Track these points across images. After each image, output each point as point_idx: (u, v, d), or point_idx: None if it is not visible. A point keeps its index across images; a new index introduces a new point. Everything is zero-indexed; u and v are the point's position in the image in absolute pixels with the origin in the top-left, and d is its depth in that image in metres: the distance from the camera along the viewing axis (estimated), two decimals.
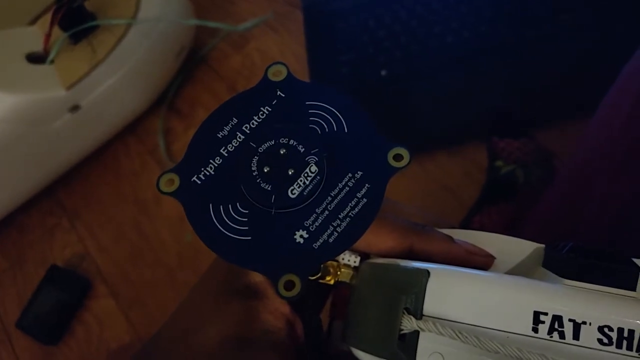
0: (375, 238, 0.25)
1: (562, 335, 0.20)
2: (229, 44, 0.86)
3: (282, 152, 0.21)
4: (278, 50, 0.83)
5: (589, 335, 0.20)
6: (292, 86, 0.24)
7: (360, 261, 0.25)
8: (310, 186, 0.21)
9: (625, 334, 0.20)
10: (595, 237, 0.37)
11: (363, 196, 0.21)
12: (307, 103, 0.23)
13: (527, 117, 0.62)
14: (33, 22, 0.80)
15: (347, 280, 0.25)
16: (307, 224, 0.21)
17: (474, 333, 0.20)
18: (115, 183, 0.81)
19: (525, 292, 0.21)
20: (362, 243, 0.24)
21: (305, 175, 0.21)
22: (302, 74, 0.78)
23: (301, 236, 0.21)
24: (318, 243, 0.21)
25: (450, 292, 0.21)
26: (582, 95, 0.60)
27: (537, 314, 0.20)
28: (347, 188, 0.21)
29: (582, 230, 0.39)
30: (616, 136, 0.37)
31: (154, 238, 0.76)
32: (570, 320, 0.20)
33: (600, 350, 0.19)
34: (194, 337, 0.26)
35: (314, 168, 0.21)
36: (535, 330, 0.20)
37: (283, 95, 0.23)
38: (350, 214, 0.21)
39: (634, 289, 0.21)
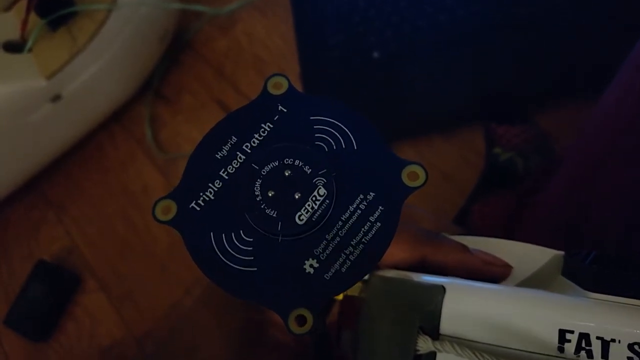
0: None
1: (589, 355, 0.18)
2: (214, 27, 0.83)
3: (287, 174, 0.20)
4: (265, 33, 0.80)
5: (618, 354, 0.18)
6: (295, 100, 0.22)
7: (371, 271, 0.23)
8: (320, 211, 0.19)
9: None
10: (607, 229, 0.35)
11: (377, 220, 0.20)
12: (311, 118, 0.21)
13: (527, 101, 0.60)
14: (8, 8, 0.77)
15: (357, 294, 0.23)
16: (317, 252, 0.19)
17: (495, 354, 0.19)
18: (102, 174, 0.79)
19: (549, 308, 0.19)
20: None
21: (314, 198, 0.20)
22: (291, 57, 0.75)
23: (311, 266, 0.19)
24: (330, 273, 0.19)
25: (468, 309, 0.20)
26: (585, 78, 0.58)
27: (562, 332, 0.19)
28: (359, 211, 0.20)
29: (595, 220, 0.38)
30: (631, 119, 0.35)
31: (144, 230, 0.74)
32: (598, 338, 0.18)
33: None
34: (198, 355, 0.26)
35: (322, 191, 0.20)
36: (561, 349, 0.19)
37: (285, 110, 0.22)
38: (363, 240, 0.19)
39: None
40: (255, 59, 0.79)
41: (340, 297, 0.24)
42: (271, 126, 0.21)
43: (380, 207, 0.20)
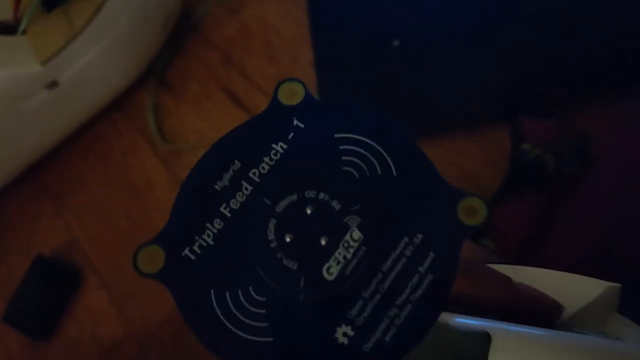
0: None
1: None
2: (222, 10, 0.78)
3: (309, 212, 0.16)
4: (278, 17, 0.75)
5: None
6: (314, 112, 0.17)
7: None
8: (355, 261, 0.15)
9: None
10: None
11: (428, 270, 0.15)
12: (336, 136, 0.17)
13: (560, 94, 0.55)
14: None
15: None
16: (351, 315, 0.15)
17: None
18: (103, 165, 0.75)
19: (605, 355, 0.16)
20: None
21: (346, 245, 0.15)
22: (305, 44, 0.70)
23: (344, 334, 0.15)
24: (370, 344, 0.15)
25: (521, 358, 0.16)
26: (627, 71, 0.53)
27: None
28: (405, 259, 0.15)
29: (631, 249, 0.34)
30: None
31: (146, 225, 0.71)
32: None
33: None
34: None
35: (356, 234, 0.15)
36: None
37: (302, 126, 0.17)
38: (412, 297, 0.15)
39: None
40: (266, 45, 0.74)
41: None
42: (285, 147, 0.17)
43: (431, 253, 0.15)
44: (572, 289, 0.22)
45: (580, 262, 0.37)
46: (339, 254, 0.15)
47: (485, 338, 0.17)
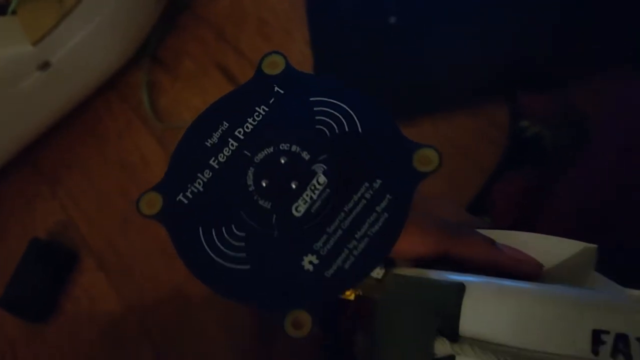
0: (404, 243, 0.21)
1: (628, 358, 0.16)
2: None
3: (282, 161, 0.18)
4: None
5: None
6: (292, 80, 0.20)
7: (386, 269, 0.21)
8: (319, 201, 0.18)
9: None
10: None
11: (384, 210, 0.18)
12: (311, 100, 0.20)
13: (557, 70, 0.55)
14: None
15: (370, 294, 0.21)
16: (316, 247, 0.18)
17: (521, 357, 0.17)
18: (98, 145, 0.75)
19: (579, 306, 0.18)
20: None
21: (312, 187, 0.18)
22: (299, 20, 0.69)
23: (310, 262, 0.17)
24: (331, 270, 0.17)
25: (490, 309, 0.18)
26: (625, 45, 0.52)
27: (596, 333, 0.17)
28: (364, 201, 0.18)
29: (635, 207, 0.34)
30: None
31: None
32: (638, 339, 0.17)
33: None
34: (205, 345, 0.25)
35: (322, 179, 0.18)
36: (595, 352, 0.17)
37: (282, 92, 0.20)
38: (369, 232, 0.18)
39: None
40: (260, 22, 0.73)
41: (352, 297, 0.22)
42: (266, 109, 0.20)
43: (388, 196, 0.18)
44: (551, 249, 0.23)
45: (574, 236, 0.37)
46: (307, 195, 0.18)
47: (460, 287, 0.19)
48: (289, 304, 0.17)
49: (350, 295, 0.22)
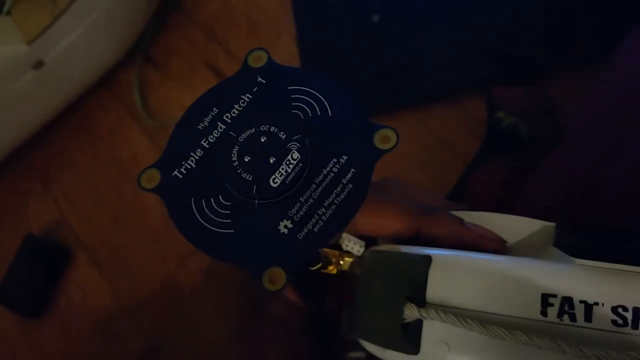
0: (381, 221, 0.24)
1: (573, 318, 0.18)
2: None
3: (262, 140, 0.21)
4: None
5: (602, 316, 0.18)
6: (273, 72, 0.23)
7: (365, 247, 0.24)
8: (293, 174, 0.20)
9: None
10: (618, 207, 0.33)
11: (349, 182, 0.20)
12: (289, 88, 0.22)
13: (531, 64, 0.57)
14: None
15: (351, 270, 0.24)
16: (291, 213, 0.20)
17: (479, 319, 0.19)
18: (91, 142, 0.76)
19: (531, 273, 0.20)
20: (367, 227, 0.24)
21: (287, 162, 0.20)
22: (287, 18, 0.71)
23: (285, 227, 0.20)
24: (303, 233, 0.20)
25: (453, 277, 0.20)
26: (594, 42, 0.55)
27: (545, 297, 0.19)
28: (332, 174, 0.20)
29: (604, 197, 0.36)
30: None
31: (135, 200, 0.72)
32: (581, 301, 0.19)
33: (615, 332, 0.18)
34: (201, 332, 0.27)
35: (295, 155, 0.20)
36: (544, 313, 0.19)
37: (264, 82, 0.23)
38: (335, 201, 0.20)
39: None
40: (249, 21, 0.75)
41: (335, 271, 0.24)
42: (250, 97, 0.22)
43: (352, 170, 0.20)
44: (513, 227, 0.25)
45: (553, 211, 0.39)
46: (282, 169, 0.20)
47: (426, 259, 0.21)
48: (266, 261, 0.19)
49: (332, 270, 0.24)
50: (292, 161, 0.20)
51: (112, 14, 0.71)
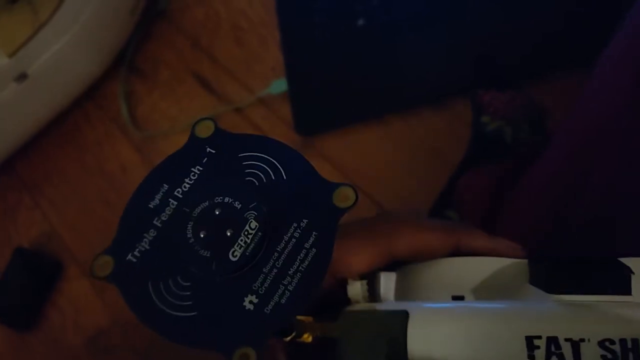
0: (421, 240, 0.25)
1: (561, 358, 0.18)
2: None
3: (217, 213, 0.20)
4: (245, 0, 0.75)
5: (590, 352, 0.18)
6: (222, 140, 0.22)
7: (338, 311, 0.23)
8: (252, 244, 0.19)
9: (629, 345, 0.18)
10: (594, 227, 0.33)
11: (312, 246, 0.20)
12: (240, 155, 0.22)
13: (516, 67, 0.56)
14: None
15: (328, 335, 0.23)
16: (255, 287, 0.19)
17: None
18: (77, 154, 0.76)
19: (512, 317, 0.20)
20: (406, 249, 0.25)
21: (246, 233, 0.19)
22: (272, 25, 0.71)
23: (251, 302, 0.19)
24: (270, 307, 0.19)
25: (433, 331, 0.20)
26: (582, 44, 0.54)
27: (529, 339, 0.19)
28: (294, 240, 0.20)
29: (587, 202, 0.35)
30: (619, 110, 0.32)
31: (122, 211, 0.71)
32: (566, 340, 0.18)
33: None
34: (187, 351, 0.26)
35: (253, 224, 0.19)
36: (531, 357, 0.18)
37: (213, 152, 0.22)
38: (300, 267, 0.19)
39: (628, 292, 0.20)
40: (235, 28, 0.74)
41: (310, 339, 0.23)
42: (201, 169, 0.22)
43: (314, 233, 0.20)
44: (485, 268, 0.25)
45: (532, 230, 0.38)
46: (241, 240, 0.19)
47: (403, 314, 0.20)
48: (234, 343, 0.18)
49: (307, 338, 0.23)
50: (250, 231, 0.19)
51: (96, 24, 0.70)
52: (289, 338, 0.22)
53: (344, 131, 0.61)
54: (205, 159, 0.22)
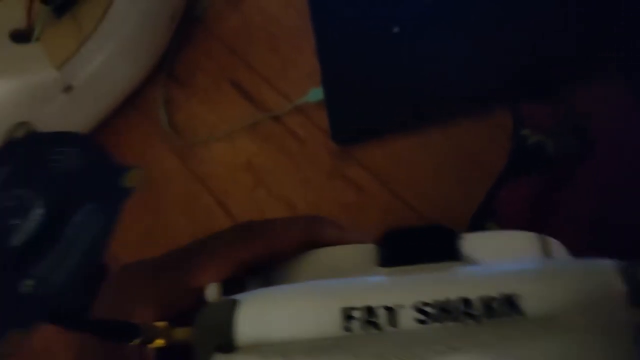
0: (273, 239, 0.26)
1: (377, 326, 0.19)
2: (224, 2, 0.79)
3: (8, 205, 0.21)
4: (279, 6, 0.76)
5: (406, 317, 0.19)
6: (33, 140, 0.25)
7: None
8: (36, 230, 0.20)
9: (442, 304, 0.18)
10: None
11: (95, 226, 0.21)
12: (44, 151, 0.23)
13: (559, 77, 0.56)
14: None
15: (184, 339, 0.22)
16: (36, 271, 0.20)
17: (282, 351, 0.19)
18: (120, 161, 0.78)
19: (328, 291, 0.20)
20: (263, 250, 0.26)
21: (31, 219, 0.20)
22: (306, 32, 0.71)
23: (28, 285, 0.20)
24: (46, 288, 0.20)
25: (261, 315, 0.20)
26: (624, 52, 0.54)
27: (346, 311, 0.19)
28: (80, 221, 0.21)
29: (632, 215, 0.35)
30: None
31: (165, 217, 0.74)
32: (384, 307, 0.19)
33: (424, 328, 0.18)
34: None
35: (40, 210, 0.20)
36: (347, 329, 0.19)
37: (22, 150, 0.24)
38: (82, 248, 0.20)
39: (459, 258, 0.21)
40: (269, 35, 0.75)
41: (163, 344, 0.23)
42: (6, 167, 0.23)
43: (102, 215, 0.21)
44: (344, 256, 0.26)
45: (578, 240, 0.39)
46: (26, 226, 0.20)
47: (230, 302, 0.21)
48: (12, 325, 0.19)
49: (160, 343, 0.22)
50: (35, 217, 0.20)
51: (138, 33, 0.72)
52: (137, 342, 0.21)
53: (382, 140, 0.62)
54: (15, 157, 0.23)
